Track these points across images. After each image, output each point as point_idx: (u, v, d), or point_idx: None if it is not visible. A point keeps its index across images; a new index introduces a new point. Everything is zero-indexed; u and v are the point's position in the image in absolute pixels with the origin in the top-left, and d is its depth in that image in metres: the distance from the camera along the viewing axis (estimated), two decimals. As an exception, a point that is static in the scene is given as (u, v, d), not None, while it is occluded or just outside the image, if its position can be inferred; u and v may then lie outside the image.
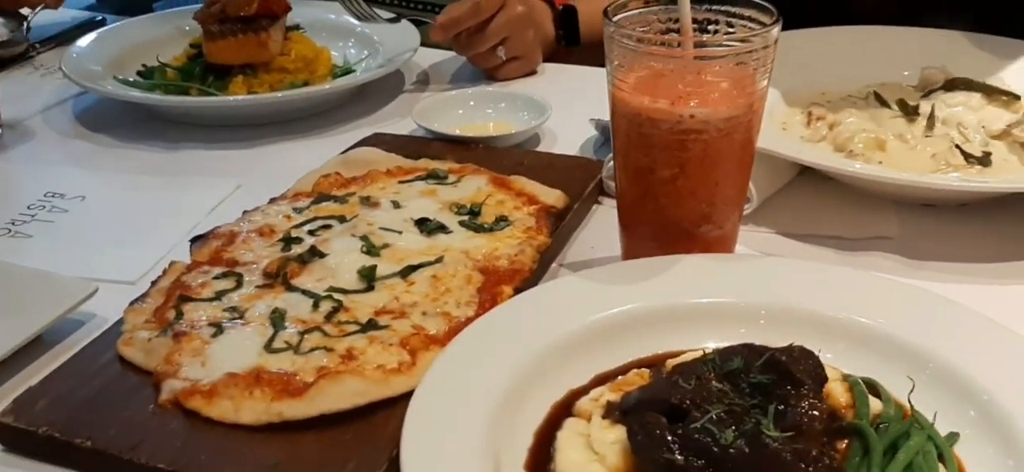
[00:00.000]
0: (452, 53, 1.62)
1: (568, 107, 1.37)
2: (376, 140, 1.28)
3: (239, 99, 1.39)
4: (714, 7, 0.94)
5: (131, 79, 1.48)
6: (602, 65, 0.91)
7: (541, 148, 1.31)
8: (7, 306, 0.92)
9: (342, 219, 1.03)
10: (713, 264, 0.91)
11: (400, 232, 1.00)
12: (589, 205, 1.15)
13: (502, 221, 1.03)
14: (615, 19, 0.91)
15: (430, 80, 1.57)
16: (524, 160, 1.21)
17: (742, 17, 0.93)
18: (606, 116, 1.32)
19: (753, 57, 0.89)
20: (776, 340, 0.76)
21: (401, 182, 1.12)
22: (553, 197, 1.08)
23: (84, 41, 1.55)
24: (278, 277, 0.93)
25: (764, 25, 0.90)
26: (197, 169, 1.29)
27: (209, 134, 1.38)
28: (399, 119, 1.43)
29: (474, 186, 1.11)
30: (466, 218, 1.03)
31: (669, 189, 0.92)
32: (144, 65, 1.54)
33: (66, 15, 1.85)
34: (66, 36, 1.76)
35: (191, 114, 1.40)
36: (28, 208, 1.16)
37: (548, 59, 1.61)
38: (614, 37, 0.90)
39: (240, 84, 1.43)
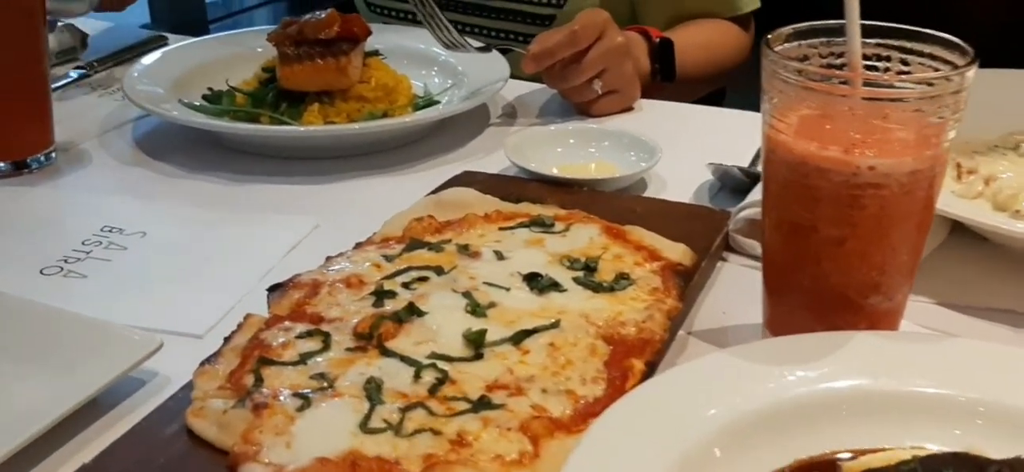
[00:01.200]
0: (541, 85, 1.50)
1: (674, 147, 1.23)
2: (468, 179, 1.15)
3: (318, 130, 1.26)
4: (887, 41, 0.80)
5: (197, 103, 1.37)
6: (694, 100, 0.78)
7: (649, 193, 1.17)
8: (58, 361, 0.80)
9: (439, 270, 0.90)
10: (904, 346, 0.76)
11: (507, 289, 0.87)
12: (714, 262, 1.01)
13: (623, 279, 0.89)
14: (777, 50, 0.78)
15: (518, 113, 1.44)
16: (636, 207, 1.07)
17: (921, 54, 0.79)
18: (724, 159, 1.19)
19: (942, 103, 0.75)
20: (999, 447, 0.62)
21: (502, 229, 0.99)
22: (678, 252, 0.95)
23: (147, 60, 1.43)
24: (371, 339, 0.79)
25: (954, 66, 0.76)
26: (270, 204, 1.17)
27: (281, 166, 1.25)
28: (485, 155, 1.30)
29: (585, 236, 0.97)
30: (581, 274, 0.90)
31: (834, 252, 0.78)
32: (210, 88, 1.43)
33: (126, 32, 1.75)
34: (125, 54, 1.65)
35: (263, 144, 1.28)
36: (83, 244, 1.04)
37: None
38: (775, 71, 0.77)
39: (316, 113, 1.31)
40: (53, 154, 1.26)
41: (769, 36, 0.79)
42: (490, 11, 1.68)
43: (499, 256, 0.92)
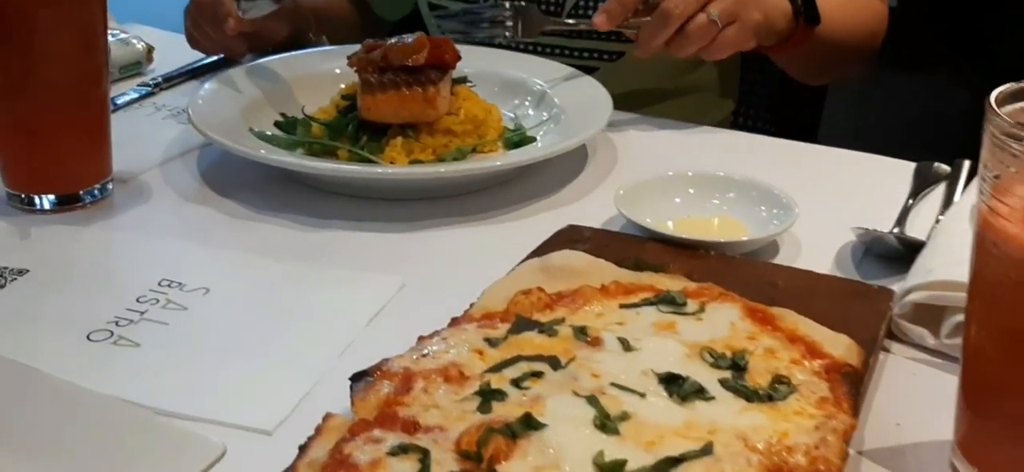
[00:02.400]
0: (640, 114, 1.35)
1: (807, 198, 1.06)
2: (573, 235, 1.00)
3: (405, 171, 1.12)
4: None
5: (268, 132, 1.23)
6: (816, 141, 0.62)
7: (783, 258, 1.01)
8: (101, 464, 0.66)
9: (555, 362, 0.75)
10: None
11: (642, 395, 0.71)
12: (877, 355, 0.84)
13: (781, 383, 0.73)
14: (1005, 112, 0.61)
15: (618, 147, 1.28)
16: (777, 279, 0.91)
17: None
18: (869, 223, 1.03)
19: None
20: None
21: (624, 306, 0.83)
22: (841, 347, 0.78)
23: (215, 81, 1.30)
24: (479, 460, 0.64)
25: None
26: (348, 254, 1.03)
27: (361, 207, 1.11)
28: (586, 196, 1.15)
29: (725, 320, 0.81)
30: (729, 375, 0.74)
31: (1072, 377, 0.61)
32: (284, 114, 1.29)
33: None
34: (194, 71, 1.53)
35: (342, 184, 1.13)
36: (138, 301, 0.90)
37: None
38: (1003, 142, 0.60)
39: (399, 147, 1.17)
40: (109, 185, 1.13)
41: (995, 95, 0.62)
42: (572, 30, 1.53)
43: (625, 345, 0.77)
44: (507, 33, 1.33)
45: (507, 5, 1.34)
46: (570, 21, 1.36)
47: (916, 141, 1.35)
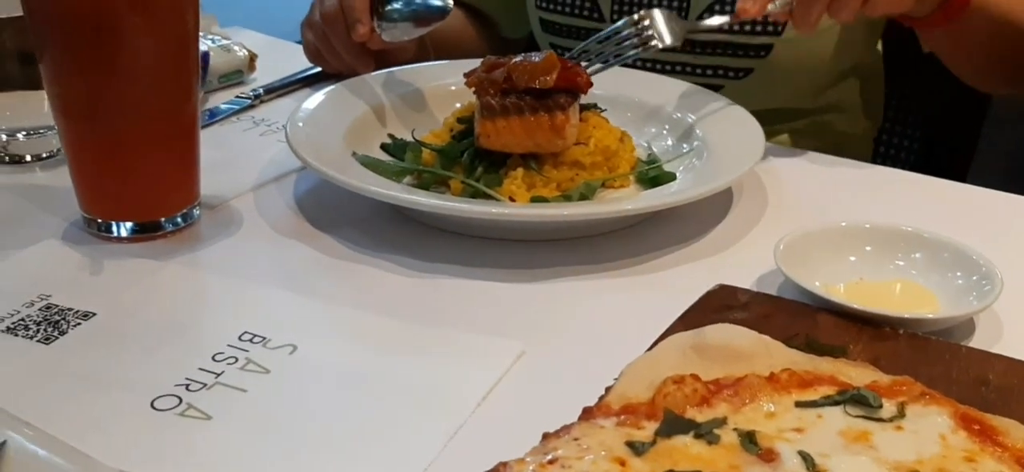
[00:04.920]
0: (782, 145, 1.18)
1: (1003, 259, 0.87)
2: (727, 299, 0.83)
3: (528, 212, 0.97)
4: None
5: (373, 157, 1.09)
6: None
7: (979, 338, 0.83)
8: None
9: (718, 483, 0.58)
10: None
11: (838, 539, 0.55)
12: None
13: (1017, 531, 0.56)
14: None
15: (766, 185, 1.11)
16: (988, 373, 0.74)
17: None
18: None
19: None
20: None
21: (800, 404, 0.67)
22: (1089, 479, 0.60)
23: (317, 97, 1.17)
24: None
25: None
26: (458, 306, 0.88)
27: (473, 248, 0.97)
28: (734, 246, 0.99)
29: (932, 431, 0.64)
30: (948, 515, 0.57)
31: None
32: (392, 136, 1.16)
33: (299, 53, 1.50)
34: (297, 84, 1.41)
35: (455, 222, 0.99)
36: (214, 359, 0.77)
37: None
38: None
39: (519, 180, 1.02)
40: (195, 212, 1.01)
41: None
42: (697, 45, 1.37)
43: (809, 464, 0.60)
44: (653, 43, 1.17)
45: (639, 17, 1.18)
46: (715, 21, 1.19)
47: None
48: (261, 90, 1.37)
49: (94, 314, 0.83)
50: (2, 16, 1.10)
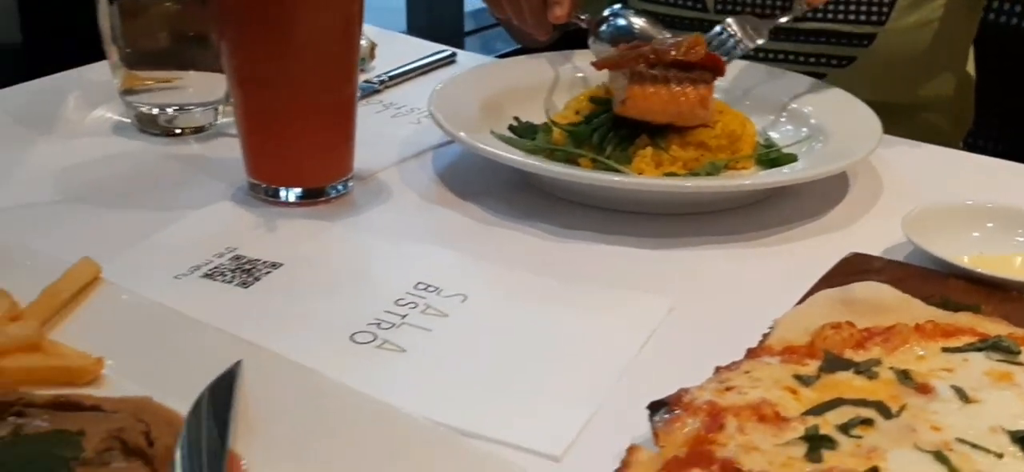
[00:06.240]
0: (904, 139, 1.24)
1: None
2: (863, 264, 0.90)
3: (673, 185, 1.04)
4: None
5: (505, 134, 1.17)
6: None
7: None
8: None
9: (883, 409, 0.65)
10: None
11: (999, 455, 0.61)
12: None
13: None
14: None
15: (879, 172, 1.17)
16: (1112, 333, 0.79)
17: None
18: None
19: None
20: None
21: (946, 350, 0.73)
22: None
23: (454, 80, 1.25)
24: (825, 519, 0.56)
25: None
26: (603, 269, 0.96)
27: (607, 219, 1.04)
28: (857, 222, 1.05)
29: (1070, 374, 0.70)
30: (1094, 439, 0.63)
31: None
32: (517, 118, 1.23)
33: (413, 44, 1.59)
34: (417, 72, 1.49)
35: (595, 193, 1.06)
36: (397, 303, 0.85)
37: None
38: None
39: (648, 158, 1.09)
40: (350, 182, 1.09)
41: None
42: (800, 34, 1.43)
43: (962, 396, 0.67)
44: (743, 44, 1.24)
45: (729, 23, 1.26)
46: (784, 19, 1.26)
47: None
48: (385, 77, 1.46)
49: (281, 264, 0.91)
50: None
